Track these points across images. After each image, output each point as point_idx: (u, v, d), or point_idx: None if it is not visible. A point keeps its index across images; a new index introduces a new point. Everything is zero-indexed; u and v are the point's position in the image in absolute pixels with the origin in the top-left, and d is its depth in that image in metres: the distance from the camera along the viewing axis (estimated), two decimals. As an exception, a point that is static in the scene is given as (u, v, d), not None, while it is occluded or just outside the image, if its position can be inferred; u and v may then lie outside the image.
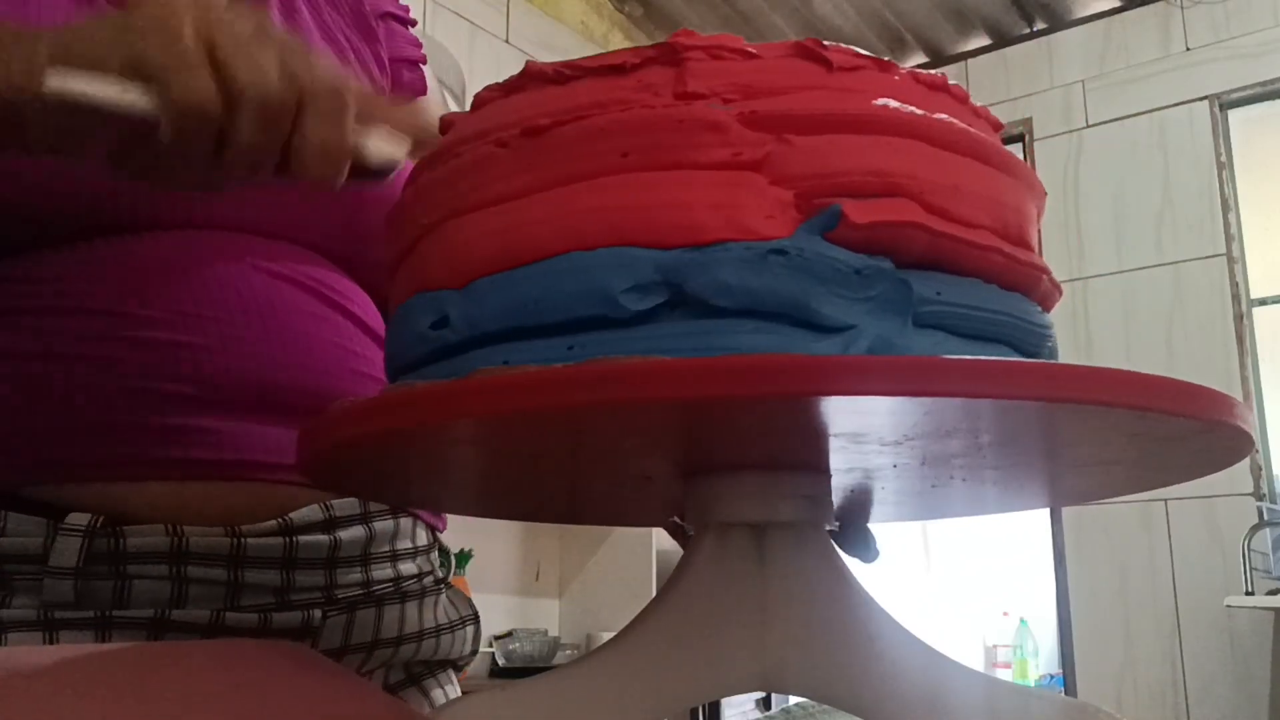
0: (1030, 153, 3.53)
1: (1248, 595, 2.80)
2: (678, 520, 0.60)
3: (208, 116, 0.42)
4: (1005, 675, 4.04)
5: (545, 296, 0.37)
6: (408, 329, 0.42)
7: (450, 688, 0.67)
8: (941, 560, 4.65)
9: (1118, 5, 3.49)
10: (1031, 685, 3.40)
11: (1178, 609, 3.08)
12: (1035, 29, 3.64)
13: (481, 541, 2.53)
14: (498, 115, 0.42)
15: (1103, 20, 3.52)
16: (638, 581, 2.78)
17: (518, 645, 2.53)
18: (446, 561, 0.70)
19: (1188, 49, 3.35)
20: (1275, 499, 3.02)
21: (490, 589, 2.68)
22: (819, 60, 0.40)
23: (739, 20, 3.56)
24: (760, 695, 2.64)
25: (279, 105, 0.43)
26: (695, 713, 2.48)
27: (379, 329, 0.64)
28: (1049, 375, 0.31)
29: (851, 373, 0.30)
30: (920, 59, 3.79)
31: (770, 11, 3.54)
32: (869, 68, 0.40)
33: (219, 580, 0.54)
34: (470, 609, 0.69)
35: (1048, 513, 3.39)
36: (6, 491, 0.53)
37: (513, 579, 2.84)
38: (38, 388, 0.53)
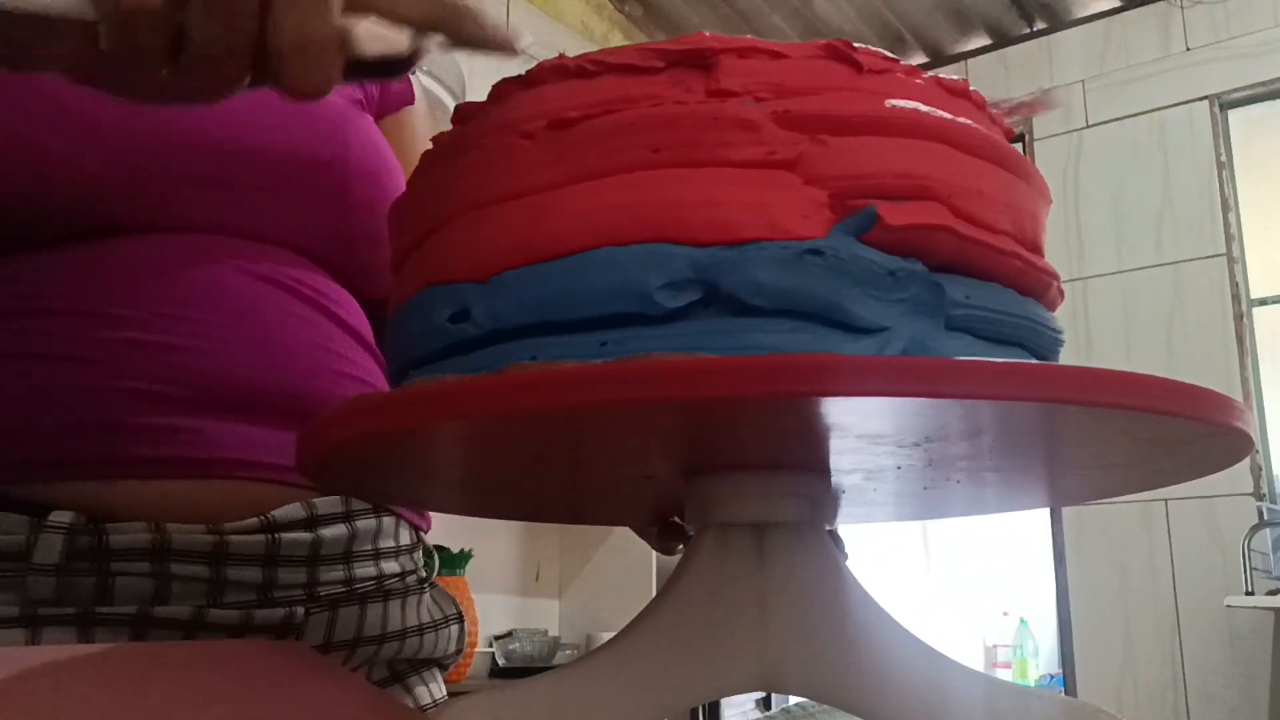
0: (1030, 153, 3.53)
1: (1248, 595, 2.80)
2: (660, 526, 0.60)
3: (148, 9, 0.37)
4: (1005, 675, 4.04)
5: (576, 291, 0.36)
6: (419, 322, 0.41)
7: (435, 685, 0.68)
8: (941, 560, 4.66)
9: (1118, 5, 3.49)
10: (1031, 685, 3.40)
11: (1178, 609, 3.08)
12: (1035, 29, 3.64)
13: (481, 541, 2.53)
14: (519, 107, 0.41)
15: (1103, 20, 3.51)
16: (638, 581, 2.78)
17: (518, 645, 2.53)
18: (430, 561, 0.71)
19: (1188, 49, 3.35)
20: (1275, 499, 3.02)
21: (490, 589, 2.68)
22: (849, 62, 0.40)
23: (739, 20, 3.55)
24: (760, 695, 2.64)
25: None
26: (695, 713, 2.48)
27: (363, 331, 0.64)
28: (1053, 376, 0.31)
29: (876, 373, 0.30)
30: (920, 59, 3.79)
31: (770, 12, 3.53)
32: (896, 71, 0.40)
33: (201, 577, 0.54)
34: (454, 609, 0.70)
35: (1048, 512, 3.39)
36: None
37: (513, 579, 2.84)
38: (19, 388, 0.53)
